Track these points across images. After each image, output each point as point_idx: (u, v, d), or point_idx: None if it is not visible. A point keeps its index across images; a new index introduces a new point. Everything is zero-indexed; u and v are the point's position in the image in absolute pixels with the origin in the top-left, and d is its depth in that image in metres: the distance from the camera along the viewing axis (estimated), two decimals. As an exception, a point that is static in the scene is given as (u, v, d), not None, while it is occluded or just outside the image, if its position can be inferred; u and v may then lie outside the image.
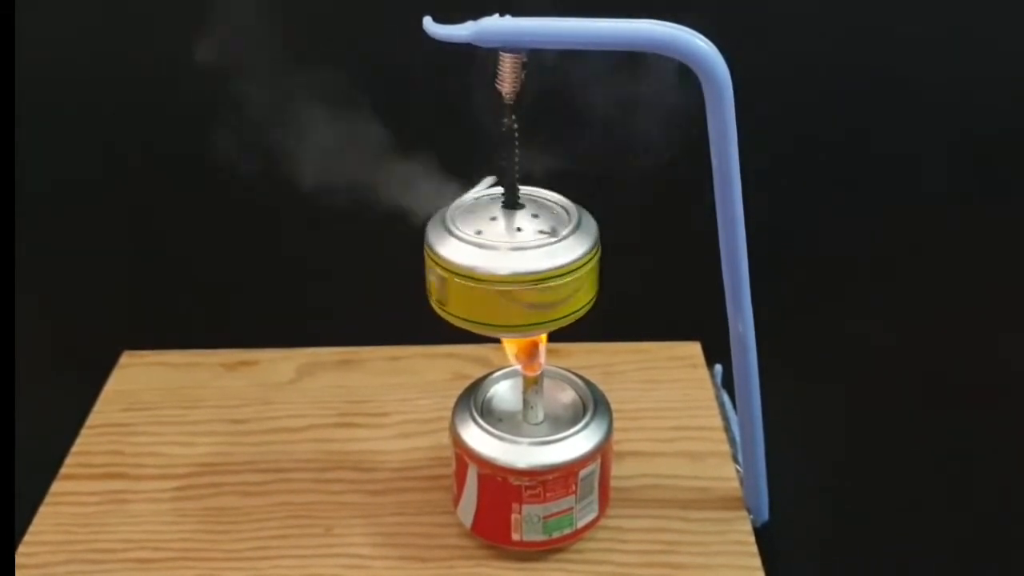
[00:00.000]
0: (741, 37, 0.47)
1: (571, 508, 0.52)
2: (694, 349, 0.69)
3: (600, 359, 0.68)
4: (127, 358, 0.70)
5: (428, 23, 0.42)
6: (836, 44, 0.70)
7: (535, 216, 0.48)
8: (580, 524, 0.53)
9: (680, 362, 0.68)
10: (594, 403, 0.53)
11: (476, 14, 0.42)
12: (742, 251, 0.46)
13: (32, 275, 0.67)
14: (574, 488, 0.51)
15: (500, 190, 0.48)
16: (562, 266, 0.45)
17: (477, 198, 0.49)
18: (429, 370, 0.68)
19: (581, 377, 0.55)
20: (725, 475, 0.59)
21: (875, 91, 0.71)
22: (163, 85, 0.71)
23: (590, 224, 0.48)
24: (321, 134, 0.72)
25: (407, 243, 0.49)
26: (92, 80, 0.71)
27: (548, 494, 0.51)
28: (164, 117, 0.72)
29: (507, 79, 0.44)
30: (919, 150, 0.72)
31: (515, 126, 0.46)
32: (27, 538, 0.55)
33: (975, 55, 0.70)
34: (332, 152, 0.72)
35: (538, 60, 0.43)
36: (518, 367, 0.53)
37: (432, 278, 0.47)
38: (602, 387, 0.55)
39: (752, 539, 0.54)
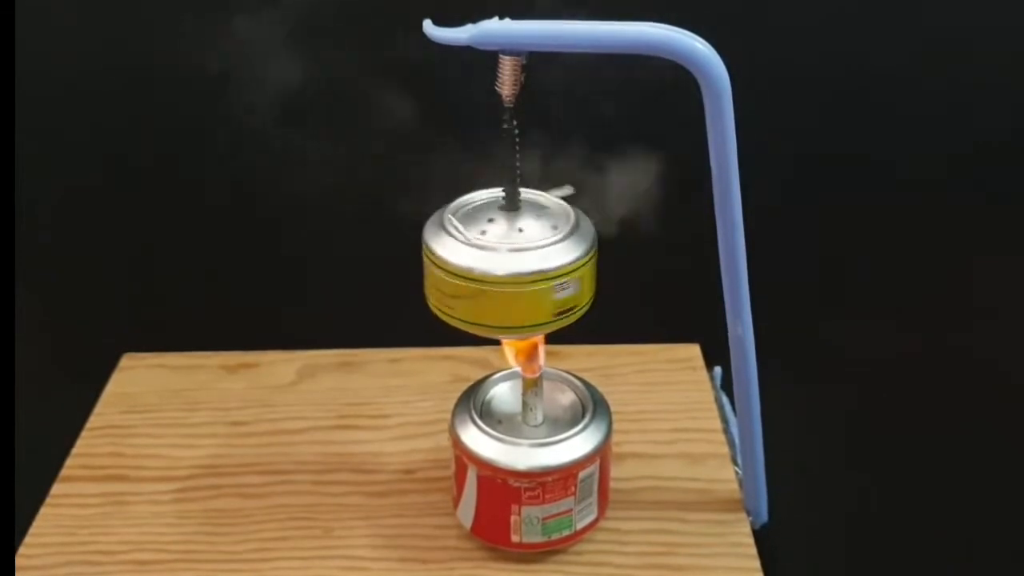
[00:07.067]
0: (740, 39, 0.47)
1: (570, 510, 0.52)
2: (693, 351, 0.69)
3: (599, 361, 0.68)
4: (127, 360, 0.70)
5: (428, 26, 0.42)
6: (836, 44, 0.70)
7: (533, 218, 0.48)
8: (579, 526, 0.53)
9: (679, 364, 0.68)
10: (593, 405, 0.53)
11: (475, 17, 0.42)
12: (741, 253, 0.46)
13: (33, 277, 0.67)
14: (573, 490, 0.51)
15: (499, 192, 0.48)
16: (560, 267, 0.45)
17: (474, 199, 0.49)
18: (429, 372, 0.68)
19: (580, 379, 0.55)
20: (724, 477, 0.59)
21: (876, 91, 0.71)
22: (163, 87, 0.71)
23: (587, 226, 0.48)
24: (319, 135, 0.72)
25: (407, 245, 0.49)
26: (92, 82, 0.71)
27: (547, 496, 0.51)
28: (165, 119, 0.72)
29: (507, 82, 0.44)
30: (921, 153, 0.72)
31: (515, 128, 0.46)
32: (27, 539, 0.55)
33: (977, 58, 0.70)
34: (331, 153, 0.72)
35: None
36: (517, 369, 0.53)
37: (431, 280, 0.47)
38: (601, 389, 0.55)
39: (751, 541, 0.54)
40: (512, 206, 0.48)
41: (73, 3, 0.68)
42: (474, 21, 0.42)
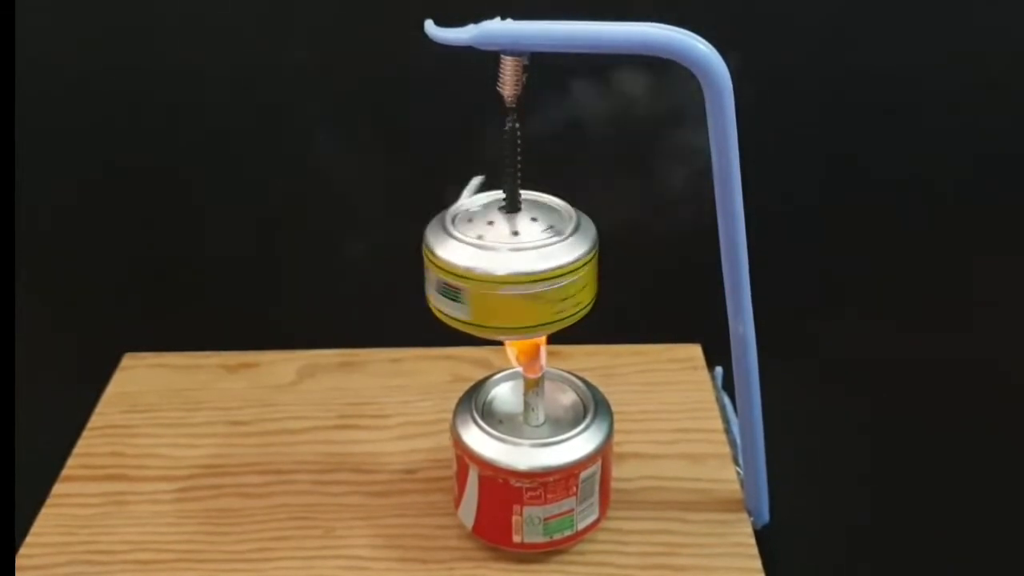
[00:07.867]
0: (740, 39, 0.47)
1: (572, 510, 0.52)
2: (694, 351, 0.69)
3: (601, 361, 0.68)
4: (128, 360, 0.70)
5: (429, 26, 0.42)
6: (836, 44, 0.70)
7: (534, 218, 0.48)
8: (581, 526, 0.53)
9: (680, 364, 0.68)
10: (595, 405, 0.53)
11: (477, 17, 0.42)
12: (742, 252, 0.46)
13: (33, 277, 0.67)
14: (575, 490, 0.51)
15: (500, 192, 0.48)
16: (561, 267, 0.45)
17: (475, 201, 0.49)
18: (430, 372, 0.68)
19: (582, 379, 0.55)
20: (726, 477, 0.59)
21: (876, 91, 0.71)
22: (163, 87, 0.71)
23: (588, 226, 0.48)
24: (320, 136, 0.72)
25: (407, 245, 0.49)
26: (92, 82, 0.71)
27: (549, 496, 0.51)
28: (165, 119, 0.72)
29: (508, 82, 0.44)
30: (921, 153, 0.72)
31: (516, 129, 0.46)
32: (28, 539, 0.55)
33: (977, 58, 0.70)
34: (331, 153, 0.72)
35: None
36: (519, 369, 0.53)
37: (431, 280, 0.47)
38: (603, 389, 0.55)
39: (753, 541, 0.54)
40: (513, 207, 0.48)
41: (73, 3, 0.68)
42: (476, 21, 0.42)
